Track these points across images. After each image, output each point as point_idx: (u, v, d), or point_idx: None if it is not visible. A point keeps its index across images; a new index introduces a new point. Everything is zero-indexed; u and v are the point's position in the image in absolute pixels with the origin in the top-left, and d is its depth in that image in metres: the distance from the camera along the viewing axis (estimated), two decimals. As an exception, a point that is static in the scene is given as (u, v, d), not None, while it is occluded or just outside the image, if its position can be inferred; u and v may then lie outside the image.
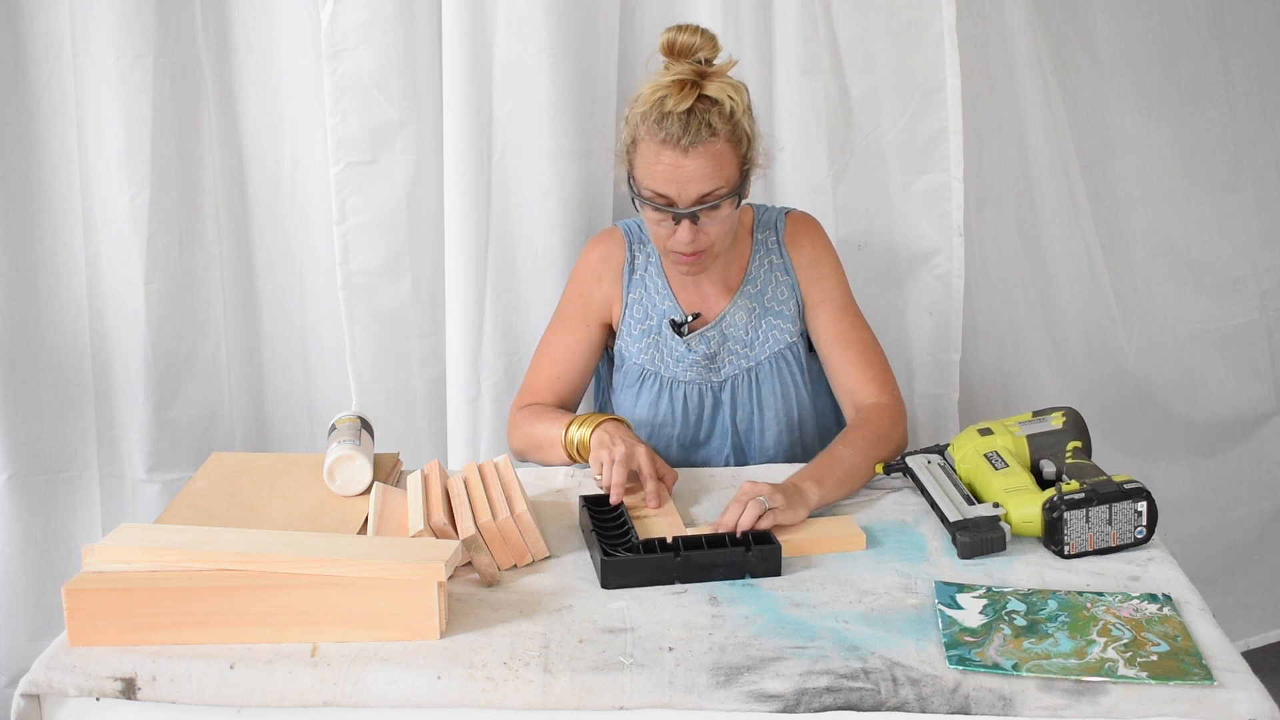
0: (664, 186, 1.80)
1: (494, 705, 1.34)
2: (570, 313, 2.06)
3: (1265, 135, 2.66)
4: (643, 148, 1.82)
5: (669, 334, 2.00)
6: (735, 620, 1.47)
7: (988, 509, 1.67)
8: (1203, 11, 2.58)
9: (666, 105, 1.77)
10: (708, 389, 2.02)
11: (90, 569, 1.44)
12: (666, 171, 1.79)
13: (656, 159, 1.80)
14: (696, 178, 1.79)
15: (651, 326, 2.02)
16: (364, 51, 2.23)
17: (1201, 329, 2.72)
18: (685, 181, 1.79)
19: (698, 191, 1.80)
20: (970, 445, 1.81)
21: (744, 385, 2.02)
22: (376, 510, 1.66)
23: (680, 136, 1.77)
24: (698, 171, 1.79)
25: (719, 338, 2.01)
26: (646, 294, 2.02)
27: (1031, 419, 1.87)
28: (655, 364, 2.02)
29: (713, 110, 1.78)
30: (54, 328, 2.34)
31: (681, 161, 1.78)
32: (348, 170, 2.28)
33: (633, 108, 1.84)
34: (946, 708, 1.32)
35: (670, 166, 1.79)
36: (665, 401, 2.03)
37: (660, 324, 2.01)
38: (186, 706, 1.36)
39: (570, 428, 1.91)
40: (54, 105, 2.25)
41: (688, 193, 1.80)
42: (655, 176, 1.81)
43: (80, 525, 2.41)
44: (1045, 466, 1.79)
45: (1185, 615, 1.47)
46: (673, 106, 1.77)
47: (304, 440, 2.49)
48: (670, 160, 1.78)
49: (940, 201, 2.40)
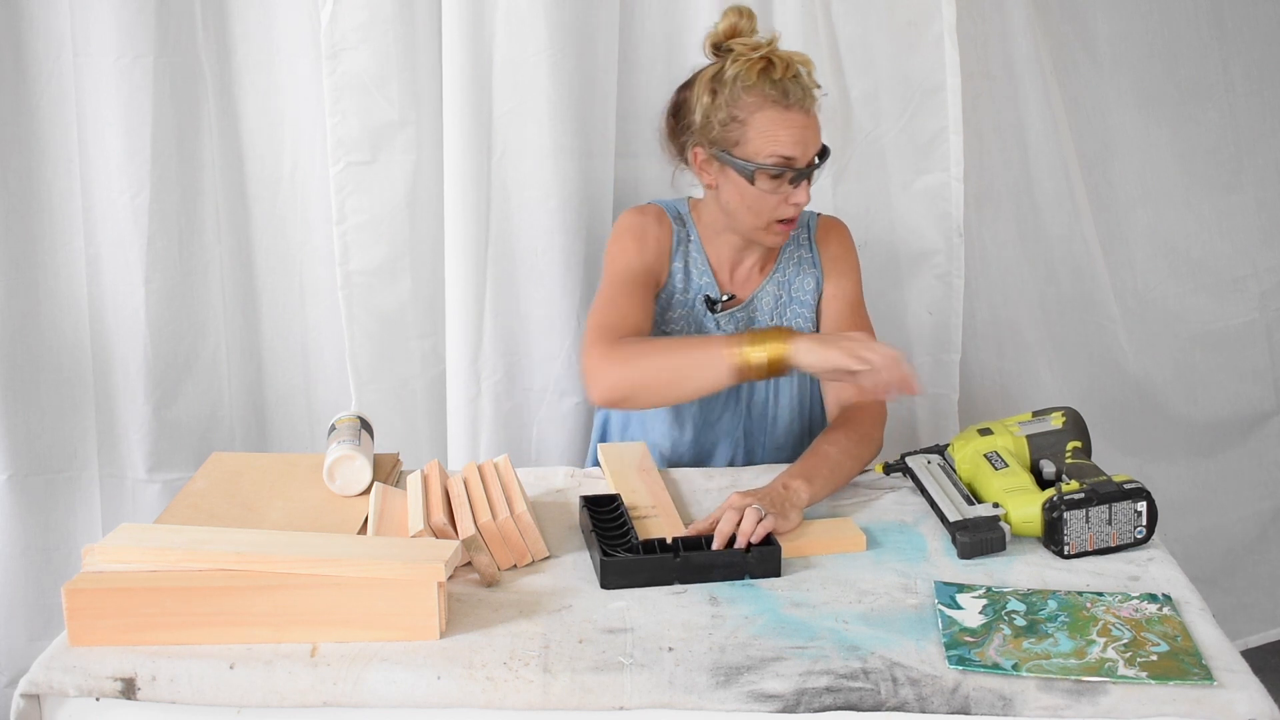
0: (790, 148, 1.84)
1: (494, 705, 1.34)
2: (635, 269, 1.97)
3: (1265, 135, 2.67)
4: (760, 117, 1.84)
5: (701, 310, 2.02)
6: (735, 620, 1.47)
7: (987, 509, 1.67)
8: (1203, 11, 2.58)
9: (775, 73, 1.83)
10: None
11: (90, 569, 1.44)
12: (795, 133, 1.84)
13: (783, 122, 1.83)
14: (816, 135, 1.87)
15: (687, 300, 2.02)
16: (364, 51, 2.23)
17: (1201, 329, 2.72)
18: (809, 141, 1.86)
19: (815, 149, 1.88)
20: (970, 445, 1.81)
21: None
22: (376, 510, 1.66)
23: (802, 97, 1.84)
24: (816, 129, 1.87)
25: (747, 319, 2.04)
26: (686, 268, 2.02)
27: (1031, 419, 1.87)
28: (689, 330, 2.03)
29: (801, 74, 1.86)
30: (54, 328, 2.34)
31: (805, 121, 1.85)
32: (347, 170, 2.28)
33: (722, 87, 1.86)
34: (946, 708, 1.32)
35: (799, 127, 1.84)
36: None
37: (695, 299, 2.02)
38: (186, 706, 1.36)
39: (746, 346, 1.70)
40: (54, 105, 2.25)
41: (809, 151, 1.86)
42: (780, 140, 1.83)
43: (80, 525, 2.41)
44: (1045, 466, 1.79)
45: (1185, 615, 1.47)
46: (780, 73, 1.83)
47: (304, 440, 2.49)
48: (797, 121, 1.84)
49: (940, 201, 2.40)
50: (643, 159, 2.43)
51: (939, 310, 2.46)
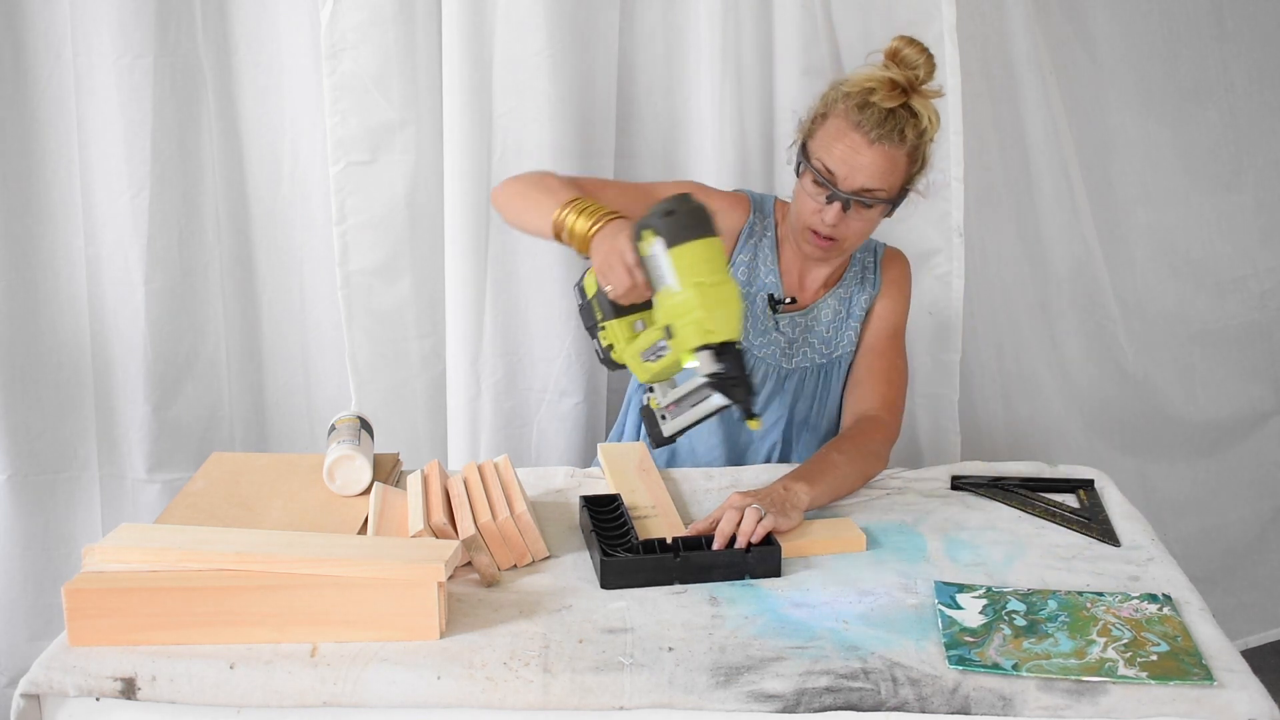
0: (835, 164, 1.84)
1: (494, 705, 1.34)
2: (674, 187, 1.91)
3: (1265, 135, 2.67)
4: (831, 123, 1.86)
5: (761, 307, 2.02)
6: (735, 620, 1.47)
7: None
8: (1203, 11, 2.58)
9: (873, 96, 1.82)
10: (773, 372, 2.04)
11: (90, 569, 1.44)
12: (845, 152, 1.83)
13: (841, 137, 1.84)
14: (867, 170, 1.83)
15: (749, 294, 2.02)
16: (363, 51, 2.23)
17: (1201, 329, 2.72)
18: (856, 168, 1.83)
19: (862, 182, 1.84)
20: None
21: (812, 379, 2.05)
22: (376, 510, 1.66)
23: (873, 128, 1.81)
24: (871, 165, 1.83)
25: (805, 326, 2.04)
26: (754, 262, 2.02)
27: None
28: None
29: (909, 121, 1.83)
30: (54, 328, 2.34)
31: (863, 149, 1.83)
32: (347, 170, 2.28)
33: (835, 87, 1.88)
34: (946, 708, 1.32)
35: (850, 149, 1.83)
36: None
37: (757, 295, 2.02)
38: (186, 706, 1.35)
39: (566, 209, 1.68)
40: (54, 105, 2.26)
41: (854, 179, 1.84)
42: (831, 152, 1.84)
43: (80, 525, 2.42)
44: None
45: (1185, 615, 1.47)
46: (879, 100, 1.82)
47: (304, 440, 2.49)
48: (853, 143, 1.83)
49: (940, 201, 2.40)
50: (642, 159, 2.43)
51: (939, 310, 2.46)
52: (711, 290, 1.52)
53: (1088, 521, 1.75)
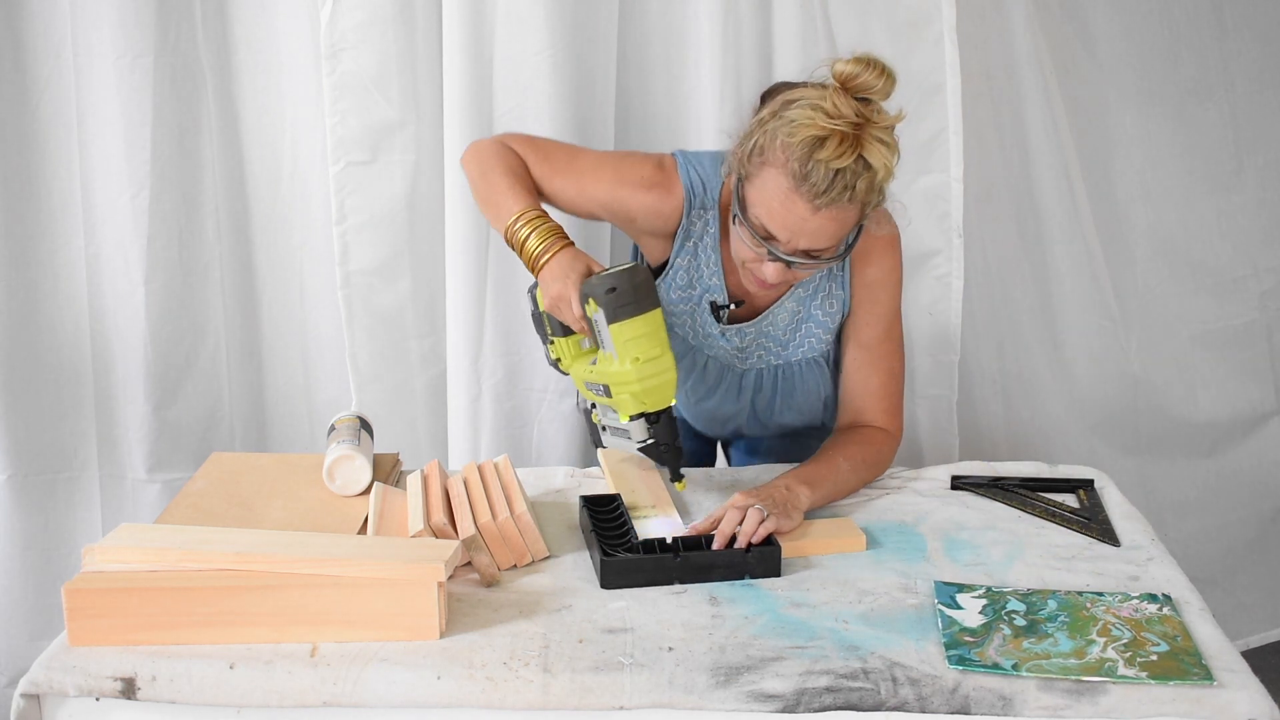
0: (776, 229, 1.65)
1: (494, 705, 1.34)
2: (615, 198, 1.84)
3: (1266, 134, 2.67)
4: (770, 176, 1.63)
5: (706, 314, 1.88)
6: (735, 620, 1.47)
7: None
8: (1203, 10, 2.58)
9: (821, 153, 1.58)
10: (730, 371, 1.95)
11: (90, 569, 1.44)
12: (786, 218, 1.63)
13: (781, 202, 1.62)
14: (813, 236, 1.64)
15: (692, 296, 1.88)
16: (363, 51, 2.23)
17: (1201, 329, 2.72)
18: (800, 234, 1.64)
19: (807, 245, 1.66)
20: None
21: (768, 378, 1.95)
22: (376, 510, 1.66)
23: (819, 193, 1.59)
24: (818, 230, 1.64)
25: (755, 334, 1.90)
26: (696, 264, 1.86)
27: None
28: (685, 329, 1.91)
29: (864, 175, 1.60)
30: (54, 328, 2.34)
31: (807, 218, 1.62)
32: (347, 170, 2.28)
33: (778, 118, 1.62)
34: (946, 708, 1.32)
35: (792, 216, 1.62)
36: (689, 360, 1.94)
37: (701, 297, 1.87)
38: (186, 706, 1.36)
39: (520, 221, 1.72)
40: (54, 105, 2.26)
41: (797, 243, 1.65)
42: (772, 214, 1.64)
43: (80, 525, 2.42)
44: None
45: (1185, 615, 1.47)
46: (826, 157, 1.58)
47: (304, 440, 2.49)
48: (797, 212, 1.62)
49: (940, 201, 2.40)
50: (642, 159, 2.42)
51: (939, 310, 2.46)
52: (648, 365, 1.62)
53: (1088, 521, 1.75)
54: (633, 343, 1.61)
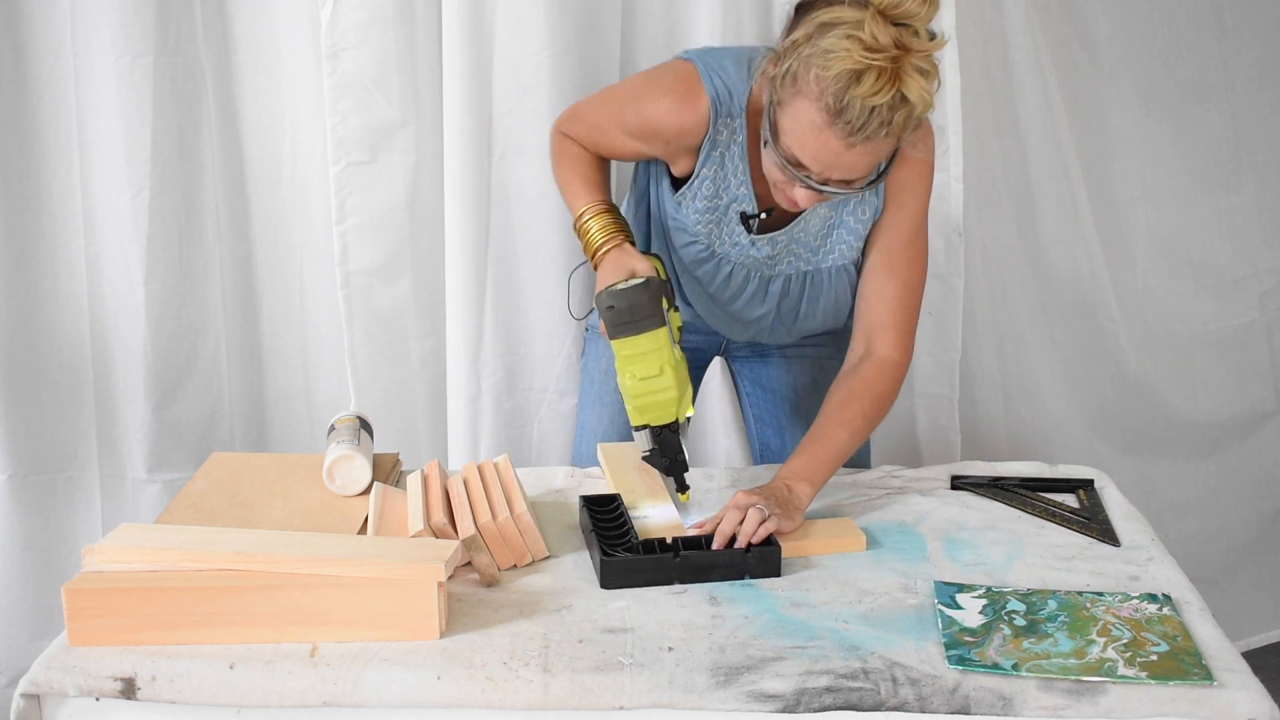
0: (809, 160, 1.61)
1: (494, 705, 1.34)
2: (644, 124, 1.80)
3: (1266, 135, 2.67)
4: (803, 108, 1.57)
5: (734, 223, 1.82)
6: (735, 620, 1.47)
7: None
8: (1203, 11, 2.58)
9: (858, 88, 1.52)
10: (756, 275, 1.89)
11: (90, 569, 1.44)
12: (819, 152, 1.59)
13: (814, 134, 1.58)
14: (846, 169, 1.61)
15: (718, 205, 1.82)
16: (363, 51, 2.23)
17: (1201, 329, 2.72)
18: (832, 167, 1.61)
19: (841, 176, 1.62)
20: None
21: (797, 284, 1.90)
22: (376, 510, 1.66)
23: (855, 130, 1.55)
24: (852, 164, 1.61)
25: (786, 241, 1.84)
26: (723, 173, 1.79)
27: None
28: (710, 238, 1.85)
29: (901, 109, 1.55)
30: (54, 328, 2.34)
31: (841, 152, 1.58)
32: (347, 170, 2.28)
33: (813, 44, 1.55)
34: (946, 708, 1.32)
35: (827, 150, 1.58)
36: (710, 267, 1.89)
37: (728, 207, 1.81)
38: (186, 706, 1.36)
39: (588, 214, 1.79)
40: (54, 105, 2.25)
41: (829, 174, 1.62)
42: (805, 146, 1.60)
43: (80, 525, 2.42)
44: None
45: (1185, 615, 1.47)
46: (863, 93, 1.52)
47: (304, 440, 2.49)
48: (830, 146, 1.58)
49: (940, 201, 2.40)
50: (642, 159, 2.42)
51: (939, 310, 2.46)
52: (644, 383, 1.65)
53: (1088, 521, 1.75)
54: (630, 360, 1.65)
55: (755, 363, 2.14)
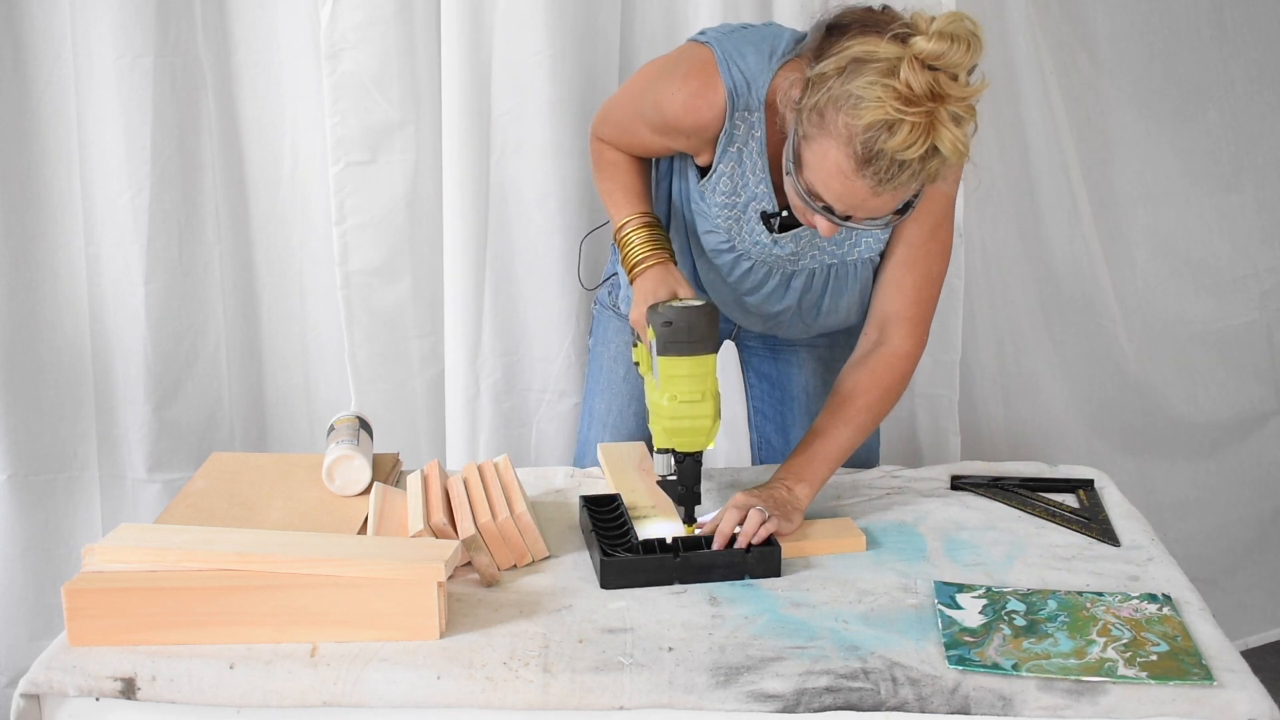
0: (832, 200, 1.56)
1: (494, 705, 1.34)
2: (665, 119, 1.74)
3: (1265, 135, 2.66)
4: (830, 150, 1.52)
5: (754, 221, 1.77)
6: (735, 620, 1.47)
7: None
8: (1203, 11, 2.58)
9: (890, 140, 1.46)
10: (778, 272, 1.84)
11: (90, 569, 1.44)
12: (843, 195, 1.55)
13: (840, 179, 1.53)
14: (871, 210, 1.57)
15: (737, 203, 1.76)
16: (363, 51, 2.23)
17: (1201, 329, 2.72)
18: (858, 210, 1.57)
19: (865, 216, 1.59)
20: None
21: (820, 278, 1.85)
22: (376, 510, 1.66)
23: (882, 180, 1.50)
24: (878, 207, 1.57)
25: (810, 236, 1.77)
26: (740, 170, 1.74)
27: None
28: (731, 233, 1.80)
29: (933, 159, 1.48)
30: (54, 328, 2.34)
31: (867, 198, 1.53)
32: (347, 170, 2.28)
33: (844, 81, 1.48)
34: (946, 708, 1.32)
35: (852, 194, 1.54)
36: (730, 259, 1.84)
37: (747, 205, 1.76)
38: (186, 706, 1.36)
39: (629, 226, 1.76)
40: (54, 105, 2.26)
41: (854, 213, 1.58)
42: (829, 188, 1.55)
43: (80, 525, 2.42)
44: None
45: (1185, 615, 1.47)
46: (895, 146, 1.45)
47: (304, 440, 2.49)
48: (857, 191, 1.53)
49: (940, 201, 2.40)
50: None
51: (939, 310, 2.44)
52: (684, 406, 1.60)
53: (1088, 521, 1.75)
54: (675, 380, 1.59)
55: (765, 356, 2.11)
